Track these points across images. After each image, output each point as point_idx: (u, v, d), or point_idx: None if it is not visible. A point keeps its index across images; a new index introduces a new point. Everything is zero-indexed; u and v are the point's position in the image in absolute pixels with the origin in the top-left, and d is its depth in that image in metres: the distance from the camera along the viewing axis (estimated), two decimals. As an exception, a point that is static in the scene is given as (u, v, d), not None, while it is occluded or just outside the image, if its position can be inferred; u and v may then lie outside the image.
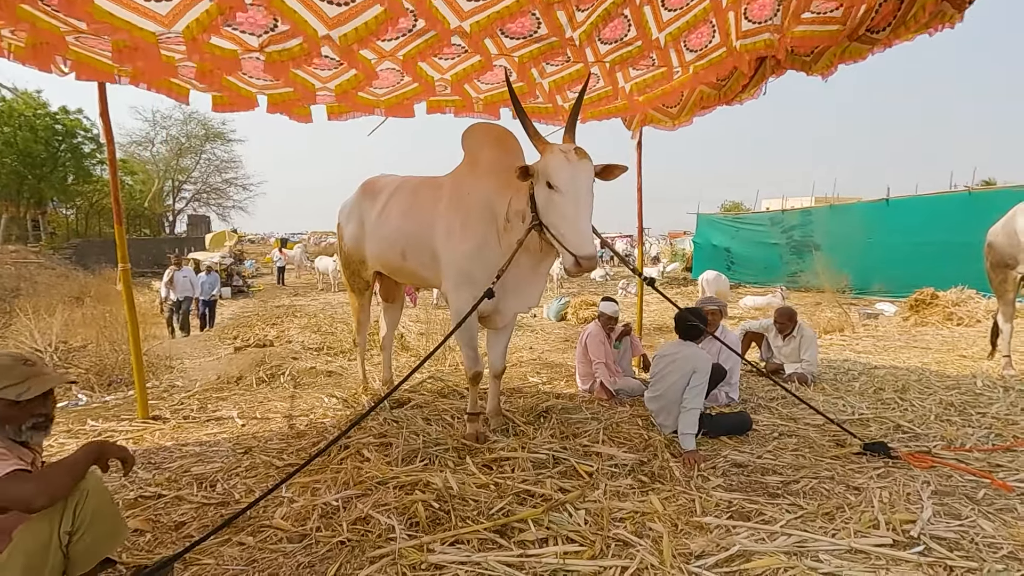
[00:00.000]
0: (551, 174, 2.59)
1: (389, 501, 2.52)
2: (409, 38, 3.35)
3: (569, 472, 2.91)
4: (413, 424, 3.48)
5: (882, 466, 2.90)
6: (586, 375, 4.72)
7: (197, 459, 3.29)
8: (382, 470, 2.85)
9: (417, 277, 3.68)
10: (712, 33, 3.70)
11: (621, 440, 3.37)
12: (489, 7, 3.05)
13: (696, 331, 3.62)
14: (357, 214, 4.09)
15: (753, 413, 3.94)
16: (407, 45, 3.46)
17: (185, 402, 4.60)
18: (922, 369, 5.18)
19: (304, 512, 2.50)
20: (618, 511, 2.50)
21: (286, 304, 12.39)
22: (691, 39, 3.72)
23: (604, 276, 18.52)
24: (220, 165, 34.92)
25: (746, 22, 3.60)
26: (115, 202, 3.92)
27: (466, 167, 3.35)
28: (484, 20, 3.19)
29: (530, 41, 3.49)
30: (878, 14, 3.45)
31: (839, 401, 4.19)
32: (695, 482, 2.79)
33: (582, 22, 3.31)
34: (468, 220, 3.14)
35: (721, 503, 2.55)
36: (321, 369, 5.88)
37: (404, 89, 4.05)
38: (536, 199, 2.70)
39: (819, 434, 3.48)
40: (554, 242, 2.65)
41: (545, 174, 2.61)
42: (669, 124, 4.83)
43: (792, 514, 2.40)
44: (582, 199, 2.59)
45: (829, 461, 3.03)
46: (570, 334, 8.47)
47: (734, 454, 3.15)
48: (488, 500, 2.53)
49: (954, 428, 3.47)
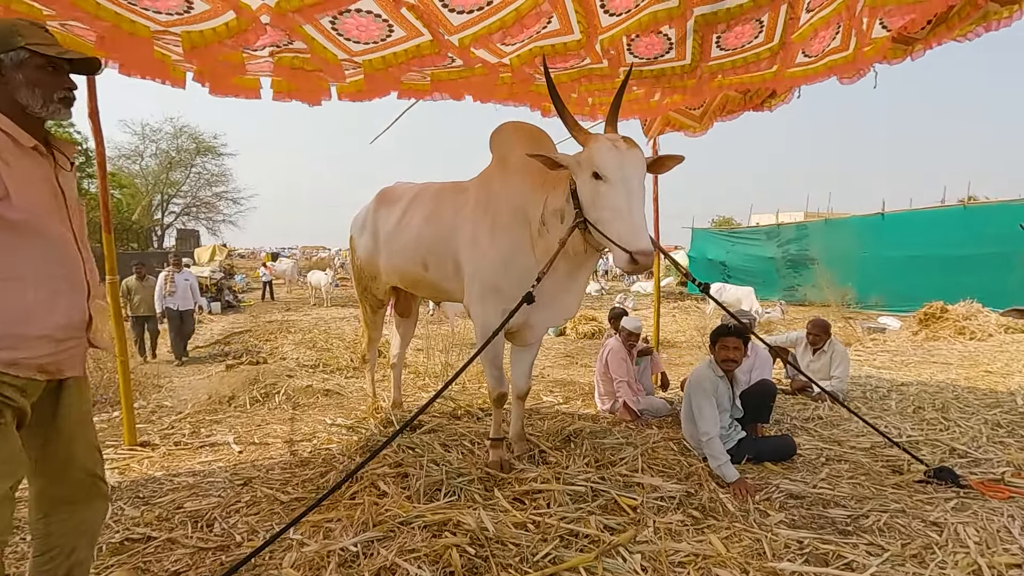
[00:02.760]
0: (599, 163, 2.32)
1: (416, 545, 2.20)
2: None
3: (611, 506, 2.61)
4: (431, 451, 3.16)
5: (954, 496, 2.64)
6: (606, 394, 4.45)
7: (191, 492, 2.95)
8: (403, 507, 2.53)
9: (438, 290, 3.37)
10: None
11: (660, 467, 3.08)
12: (532, 43, 2.87)
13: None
14: (372, 225, 3.78)
15: (792, 436, 3.68)
16: (439, 70, 3.28)
17: (176, 425, 4.25)
18: (952, 385, 4.96)
19: (318, 560, 2.17)
20: (675, 553, 2.20)
21: (278, 319, 11.98)
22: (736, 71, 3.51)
23: (599, 290, 18.27)
24: (210, 179, 34.45)
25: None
26: (104, 209, 3.59)
27: (495, 168, 3.07)
28: (526, 54, 3.06)
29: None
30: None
31: (879, 421, 3.94)
32: (753, 517, 2.51)
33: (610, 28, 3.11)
34: (497, 226, 2.86)
35: (790, 543, 2.26)
36: (318, 387, 5.53)
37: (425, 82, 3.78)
38: (580, 194, 2.42)
39: (870, 459, 3.22)
40: (603, 240, 2.36)
41: (591, 164, 2.35)
42: (693, 129, 4.61)
43: (877, 557, 2.12)
44: (634, 190, 2.32)
45: (892, 491, 2.77)
46: (571, 350, 8.19)
47: (786, 483, 2.87)
48: (530, 543, 2.22)
49: (1014, 451, 3.24)
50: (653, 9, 2.76)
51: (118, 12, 2.33)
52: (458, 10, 2.66)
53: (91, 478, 1.67)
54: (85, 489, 1.65)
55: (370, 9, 2.59)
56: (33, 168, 1.52)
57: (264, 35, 2.65)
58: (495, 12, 2.69)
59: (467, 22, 2.76)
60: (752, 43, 3.11)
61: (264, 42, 2.78)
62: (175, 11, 2.35)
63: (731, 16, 2.77)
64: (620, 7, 2.74)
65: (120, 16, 2.33)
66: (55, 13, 2.31)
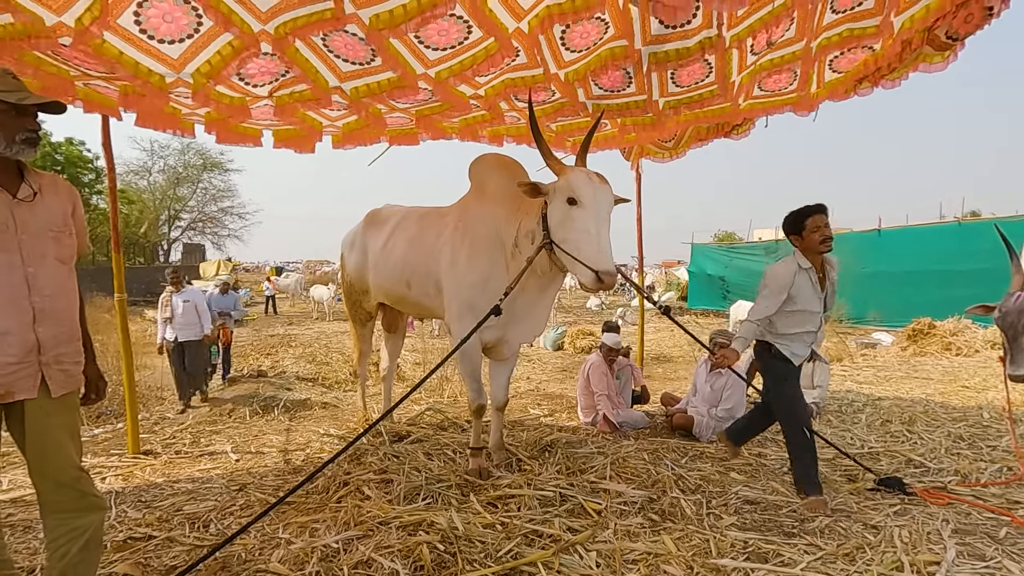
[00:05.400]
0: (575, 189, 2.58)
1: (392, 543, 2.41)
2: (426, 103, 3.43)
3: (577, 510, 2.81)
4: (414, 459, 3.38)
5: (898, 503, 2.83)
6: (588, 407, 4.64)
7: (189, 497, 3.17)
8: (384, 509, 2.74)
9: (421, 307, 3.62)
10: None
11: (628, 475, 3.27)
12: (504, 74, 3.11)
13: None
14: (361, 244, 4.06)
15: (760, 446, 3.87)
16: (421, 106, 3.53)
17: (177, 436, 4.47)
18: (926, 400, 5.13)
19: (303, 555, 2.38)
20: (630, 552, 2.40)
21: (280, 333, 12.23)
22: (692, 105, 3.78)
23: (599, 305, 18.48)
24: (216, 194, 34.99)
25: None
26: (113, 229, 3.87)
27: (472, 196, 3.34)
28: (499, 85, 3.27)
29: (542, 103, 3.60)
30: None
31: (847, 434, 4.13)
32: (708, 521, 2.70)
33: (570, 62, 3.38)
34: (474, 249, 3.11)
35: (736, 543, 2.45)
36: (316, 401, 5.76)
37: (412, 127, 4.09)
38: (550, 217, 2.67)
39: (830, 469, 3.40)
40: (568, 259, 2.60)
41: (567, 190, 2.60)
42: (664, 156, 4.88)
43: (811, 555, 2.31)
44: (603, 218, 2.58)
45: (843, 497, 2.95)
46: (568, 364, 8.39)
47: (745, 490, 3.06)
48: (495, 541, 2.43)
49: (967, 462, 3.41)
50: (610, 46, 3.03)
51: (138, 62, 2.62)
52: (433, 47, 2.92)
53: (77, 492, 1.76)
54: (74, 501, 1.76)
55: (355, 32, 2.82)
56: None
57: (262, 61, 2.90)
58: (467, 50, 2.94)
59: (442, 58, 3.01)
60: (704, 81, 3.38)
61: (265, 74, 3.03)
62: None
63: (680, 56, 3.04)
64: (580, 44, 3.01)
65: (139, 66, 2.62)
66: (80, 74, 2.60)
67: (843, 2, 2.81)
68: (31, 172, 1.80)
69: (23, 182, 1.76)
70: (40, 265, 1.74)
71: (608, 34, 2.93)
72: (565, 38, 2.95)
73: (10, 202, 1.71)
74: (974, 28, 3.14)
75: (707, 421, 4.16)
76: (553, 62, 3.13)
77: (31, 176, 1.79)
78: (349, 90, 3.25)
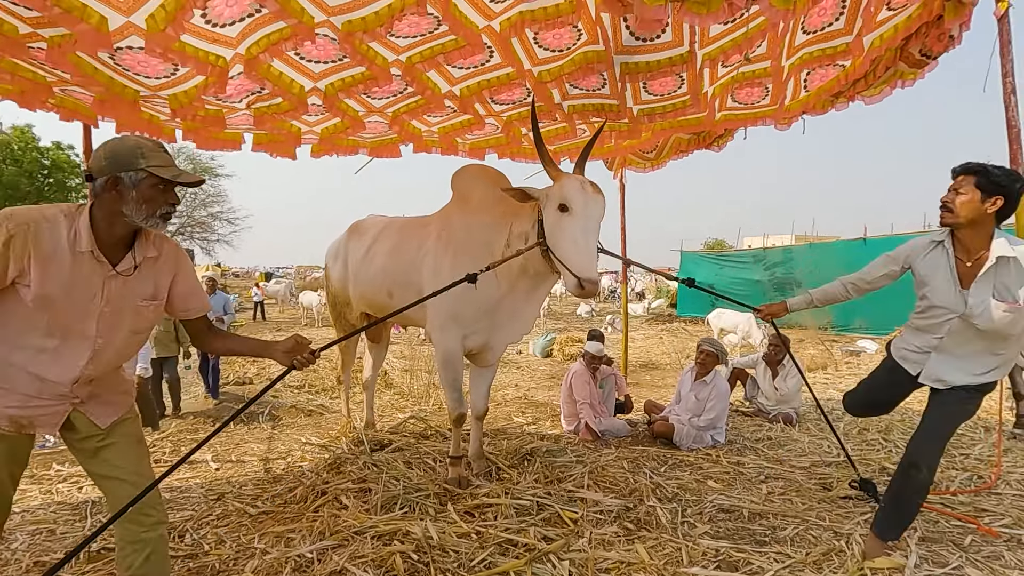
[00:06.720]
0: (567, 196, 2.62)
1: (366, 552, 2.42)
2: (400, 98, 3.43)
3: (553, 519, 2.83)
4: (394, 468, 3.38)
5: (869, 511, 2.87)
6: (571, 415, 4.67)
7: (167, 506, 3.15)
8: (360, 518, 2.75)
9: (404, 317, 3.62)
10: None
11: (607, 484, 3.30)
12: (478, 75, 3.13)
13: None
14: (343, 255, 4.08)
15: (739, 455, 3.91)
16: (397, 104, 3.54)
17: (157, 444, 4.45)
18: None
19: (277, 565, 2.39)
20: (603, 561, 2.42)
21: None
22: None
23: (589, 312, 18.54)
24: (206, 199, 34.74)
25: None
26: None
27: (455, 205, 3.36)
28: (474, 86, 3.29)
29: (519, 105, 3.60)
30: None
31: (824, 442, 4.18)
32: (682, 529, 2.73)
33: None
34: (457, 258, 3.13)
35: (708, 552, 2.49)
36: (302, 407, 5.75)
37: (391, 135, 4.12)
38: (544, 223, 2.72)
39: (806, 477, 3.45)
40: (558, 264, 2.65)
41: (560, 197, 2.64)
42: (646, 166, 4.95)
43: (780, 563, 2.35)
44: (592, 227, 2.62)
45: (817, 505, 3.00)
46: (556, 371, 8.41)
47: (722, 499, 3.10)
48: (469, 550, 2.44)
49: (939, 470, 3.46)
50: (583, 51, 3.07)
51: (112, 76, 2.64)
52: (403, 36, 2.88)
53: (143, 506, 1.80)
54: (134, 515, 1.80)
55: (327, 33, 2.83)
56: (77, 267, 1.60)
57: (237, 81, 2.92)
58: (437, 39, 2.92)
59: (411, 45, 2.99)
60: (677, 92, 3.44)
61: (241, 92, 3.07)
62: (163, 75, 2.65)
63: (650, 68, 3.11)
64: (553, 45, 3.03)
65: (113, 80, 2.64)
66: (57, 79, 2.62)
67: (814, 23, 2.88)
68: (144, 240, 1.72)
69: (128, 252, 1.69)
70: (111, 336, 1.70)
71: (581, 40, 2.98)
72: (538, 38, 2.99)
73: (106, 274, 1.65)
74: (945, 47, 3.24)
75: (687, 429, 4.20)
76: (527, 58, 3.14)
77: (141, 245, 1.71)
78: (324, 87, 3.20)
